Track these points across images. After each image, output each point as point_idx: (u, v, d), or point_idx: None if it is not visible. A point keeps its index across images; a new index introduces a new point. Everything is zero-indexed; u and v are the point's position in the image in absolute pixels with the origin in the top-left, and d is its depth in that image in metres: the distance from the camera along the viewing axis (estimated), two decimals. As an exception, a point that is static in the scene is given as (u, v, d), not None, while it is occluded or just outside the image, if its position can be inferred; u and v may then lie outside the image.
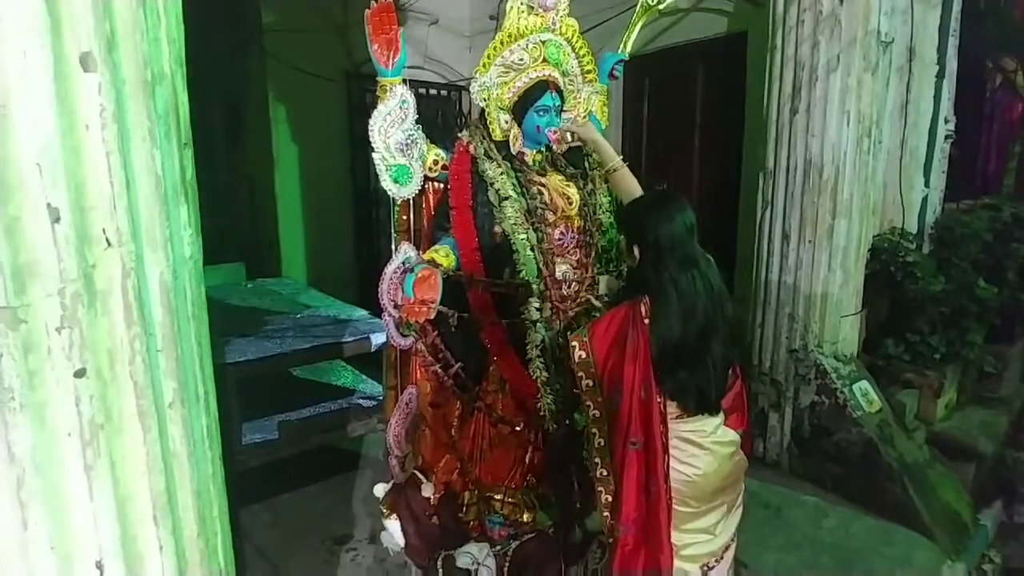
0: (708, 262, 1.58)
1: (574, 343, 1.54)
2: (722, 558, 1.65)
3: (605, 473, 1.57)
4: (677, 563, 1.54)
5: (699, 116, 4.21)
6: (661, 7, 2.28)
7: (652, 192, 1.78)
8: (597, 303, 1.89)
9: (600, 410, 1.55)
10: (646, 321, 1.47)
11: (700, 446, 1.57)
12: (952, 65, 3.57)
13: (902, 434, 3.00)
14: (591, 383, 1.55)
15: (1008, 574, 2.83)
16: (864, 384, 3.04)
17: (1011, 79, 4.62)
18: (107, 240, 0.73)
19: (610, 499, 1.57)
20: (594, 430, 1.58)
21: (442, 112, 5.26)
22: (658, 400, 1.49)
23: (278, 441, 2.81)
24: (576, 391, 1.60)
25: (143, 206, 0.78)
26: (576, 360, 1.53)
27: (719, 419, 1.62)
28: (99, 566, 0.76)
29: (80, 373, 0.72)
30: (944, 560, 2.60)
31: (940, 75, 3.49)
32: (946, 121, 3.62)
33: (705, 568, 1.60)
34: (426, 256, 1.76)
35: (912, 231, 3.48)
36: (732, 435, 1.65)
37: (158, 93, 0.80)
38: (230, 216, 4.60)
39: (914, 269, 3.16)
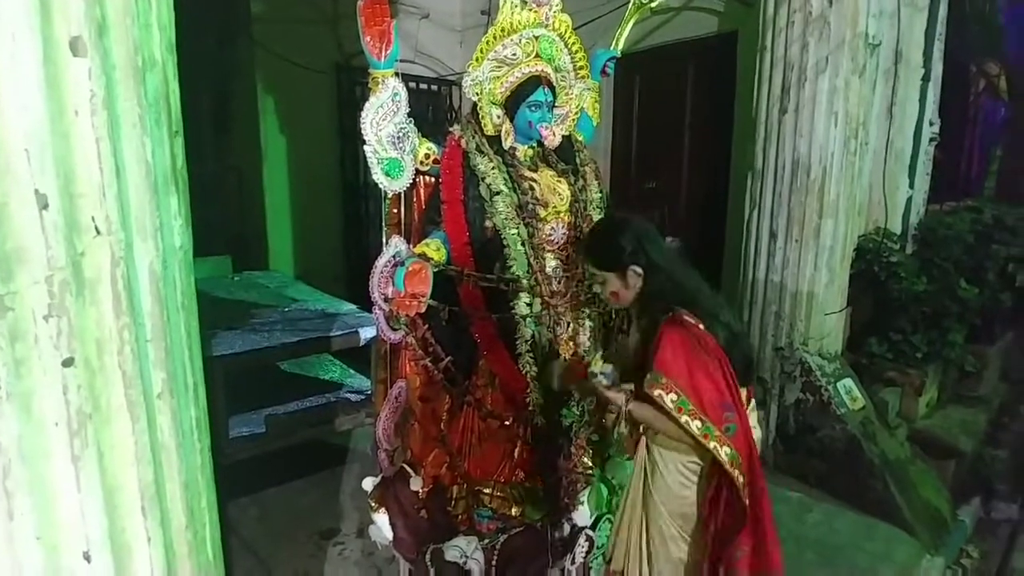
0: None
1: (658, 392, 1.35)
2: None
3: (743, 480, 1.40)
4: None
5: (689, 115, 4.23)
6: (653, 5, 2.29)
7: (611, 219, 1.73)
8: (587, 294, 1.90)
9: (724, 443, 1.35)
10: (699, 325, 1.39)
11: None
12: (937, 69, 3.62)
13: (884, 431, 3.05)
14: (700, 423, 1.35)
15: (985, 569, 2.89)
16: (848, 382, 3.09)
17: (994, 84, 4.70)
18: (96, 228, 0.72)
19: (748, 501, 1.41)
20: (735, 472, 1.37)
21: (433, 107, 5.24)
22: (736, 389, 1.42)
23: (265, 435, 2.79)
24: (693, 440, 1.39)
25: (133, 194, 0.77)
26: (671, 407, 1.34)
27: (755, 413, 1.62)
28: (86, 557, 0.75)
29: (68, 362, 0.71)
30: (924, 555, 2.65)
31: (926, 78, 3.54)
32: (931, 124, 3.67)
33: None
34: (417, 250, 1.75)
35: (896, 232, 3.53)
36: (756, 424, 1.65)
37: (149, 80, 0.79)
38: (217, 208, 4.55)
39: (898, 269, 3.21)
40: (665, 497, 1.54)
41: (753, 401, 1.66)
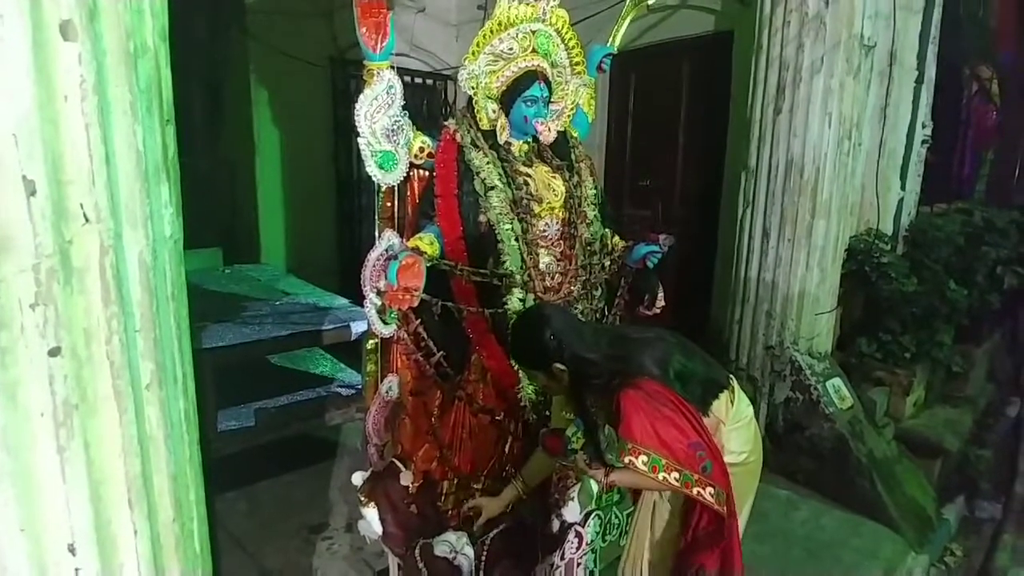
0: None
1: (628, 458, 1.38)
2: None
3: (726, 509, 1.46)
4: None
5: (684, 113, 4.24)
6: (650, 2, 2.29)
7: (527, 318, 1.69)
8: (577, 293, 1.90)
9: (706, 484, 1.41)
10: (649, 381, 1.43)
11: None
12: (931, 71, 3.64)
13: (872, 430, 3.08)
14: (678, 475, 1.39)
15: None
16: (837, 381, 3.11)
17: (987, 87, 4.73)
18: (85, 216, 0.71)
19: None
20: (720, 508, 1.44)
21: (428, 102, 5.22)
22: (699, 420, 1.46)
23: (255, 428, 2.78)
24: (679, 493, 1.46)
25: (123, 182, 0.76)
26: (645, 470, 1.37)
27: (724, 396, 1.62)
28: (71, 549, 0.74)
29: (55, 352, 0.70)
30: (909, 552, 2.68)
31: (919, 81, 3.56)
32: (923, 126, 3.69)
33: None
34: (410, 243, 1.75)
35: (887, 232, 3.55)
36: (750, 409, 1.69)
37: (141, 67, 0.78)
38: (209, 200, 4.50)
39: (888, 270, 3.23)
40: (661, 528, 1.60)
41: (737, 384, 1.68)
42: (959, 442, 3.43)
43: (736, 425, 1.64)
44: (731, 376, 1.68)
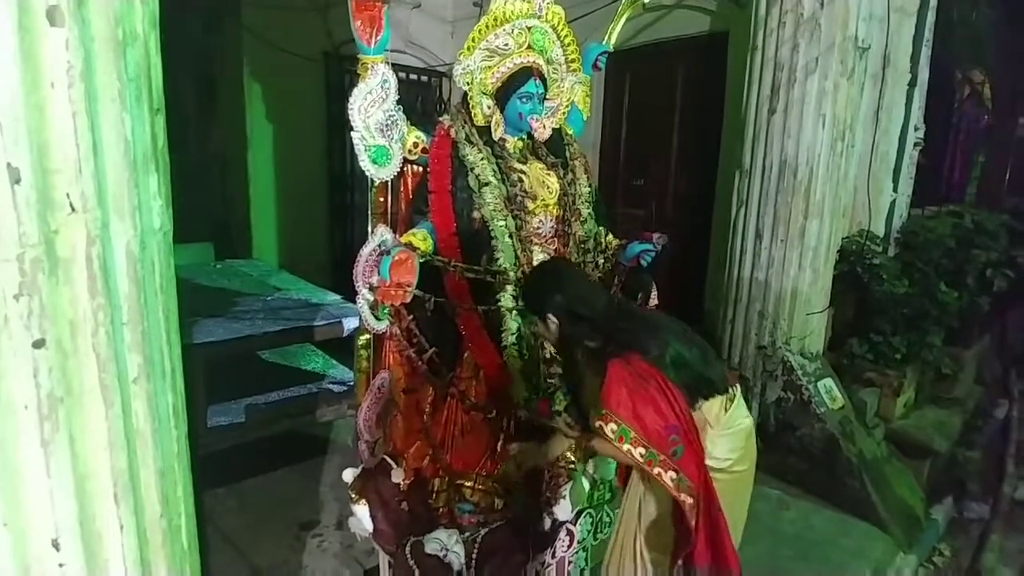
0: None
1: (598, 423, 1.42)
2: None
3: (691, 502, 1.45)
4: None
5: (678, 113, 4.24)
6: (646, 1, 2.28)
7: (541, 266, 1.75)
8: None
9: (669, 467, 1.41)
10: (643, 362, 1.43)
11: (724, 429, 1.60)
12: (924, 74, 3.66)
13: (862, 431, 3.09)
14: (643, 450, 1.40)
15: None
16: (828, 381, 3.12)
17: (979, 91, 4.77)
18: (71, 205, 0.70)
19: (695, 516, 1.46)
20: (682, 496, 1.43)
21: (422, 98, 5.20)
22: (684, 406, 1.46)
23: (245, 424, 2.77)
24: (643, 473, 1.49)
25: (111, 172, 0.75)
26: (612, 437, 1.40)
27: (719, 400, 1.62)
28: (55, 544, 0.73)
29: (39, 343, 0.69)
30: (897, 552, 2.69)
31: (912, 84, 3.59)
32: (916, 129, 3.72)
33: None
34: (403, 239, 1.74)
35: (880, 234, 3.57)
36: (749, 419, 1.70)
37: (129, 54, 0.76)
38: (200, 194, 4.48)
39: (880, 271, 3.25)
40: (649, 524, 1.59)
41: (739, 394, 1.68)
42: (948, 443, 3.46)
43: (726, 432, 1.62)
44: (735, 386, 1.66)
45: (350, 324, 2.90)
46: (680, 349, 1.52)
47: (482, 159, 1.79)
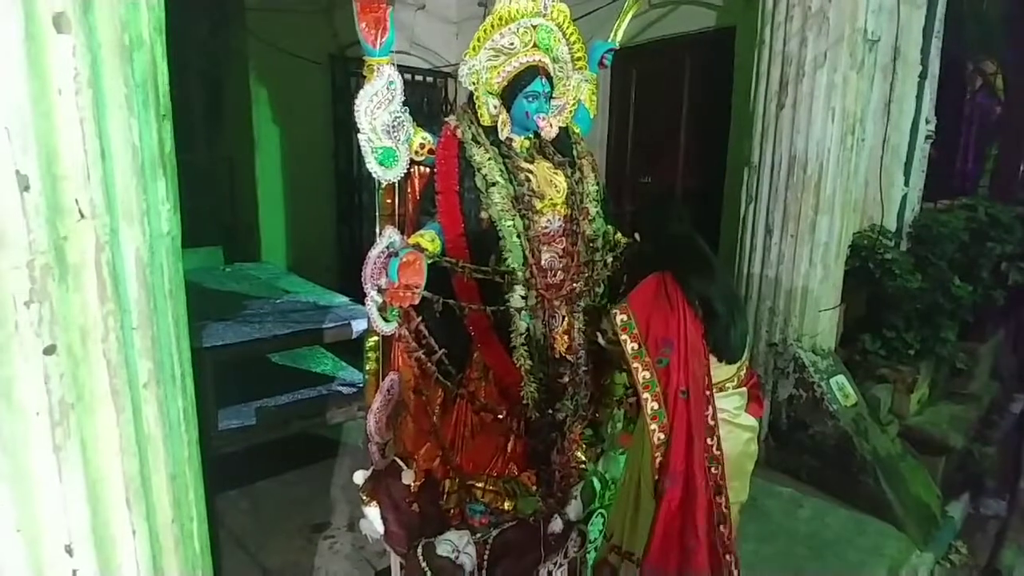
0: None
1: (614, 310, 1.64)
2: None
3: (663, 437, 1.61)
4: None
5: (686, 108, 4.22)
6: (651, -3, 2.26)
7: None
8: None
9: (650, 370, 1.60)
10: (674, 281, 1.62)
11: (730, 420, 1.69)
12: (935, 66, 3.62)
13: (876, 428, 3.06)
14: (636, 345, 1.61)
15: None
16: (841, 378, 3.09)
17: (990, 82, 4.71)
18: (80, 211, 0.70)
19: (661, 460, 1.61)
20: (645, 395, 1.61)
21: (428, 99, 5.20)
22: (702, 351, 1.60)
23: (256, 427, 2.77)
24: (620, 362, 1.69)
25: (119, 177, 0.75)
26: (618, 324, 1.62)
27: (742, 400, 1.74)
28: (68, 550, 0.73)
29: (50, 350, 0.69)
30: (913, 550, 2.66)
31: (923, 76, 3.54)
32: (927, 121, 3.67)
33: None
34: (411, 240, 1.73)
35: (891, 229, 3.53)
36: (752, 421, 1.77)
37: (136, 60, 0.77)
38: (209, 198, 4.51)
39: (892, 266, 3.21)
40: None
41: (740, 391, 1.74)
42: (963, 439, 3.41)
43: (738, 391, 1.73)
44: (743, 388, 1.76)
45: (359, 326, 2.90)
46: (715, 303, 1.64)
47: (489, 159, 1.78)
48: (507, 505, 1.93)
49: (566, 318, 1.91)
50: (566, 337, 1.91)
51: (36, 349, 0.68)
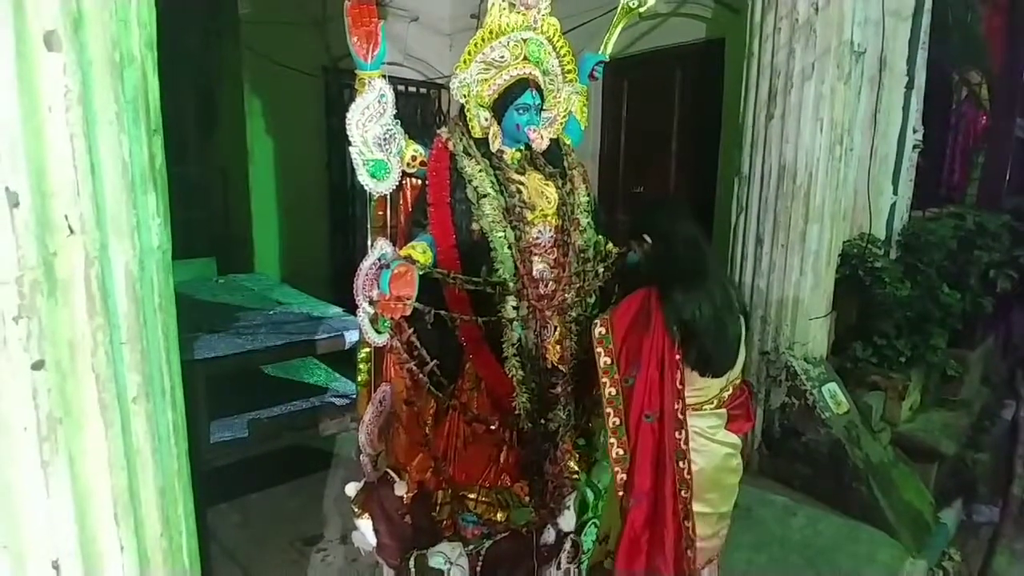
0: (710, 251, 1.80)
1: (596, 321, 1.65)
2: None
3: (621, 452, 1.61)
4: None
5: (677, 120, 4.26)
6: (641, 10, 2.29)
7: (665, 194, 1.92)
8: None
9: (616, 387, 1.61)
10: (661, 301, 1.58)
11: (705, 437, 1.67)
12: (921, 77, 3.67)
13: (868, 435, 3.07)
14: (608, 360, 1.62)
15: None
16: (833, 386, 3.11)
17: (976, 92, 4.77)
18: (69, 227, 0.70)
19: (624, 478, 1.61)
20: (609, 410, 1.63)
21: (421, 110, 5.23)
22: (675, 376, 1.57)
23: (248, 439, 2.76)
24: (595, 373, 1.67)
25: (109, 193, 0.75)
26: (596, 336, 1.62)
27: (719, 421, 1.71)
28: (55, 566, 0.73)
29: (38, 365, 0.69)
30: (906, 557, 2.67)
31: (909, 86, 3.59)
32: (914, 131, 3.72)
33: None
34: (403, 252, 1.74)
35: (880, 237, 3.56)
36: (733, 438, 1.74)
37: (127, 76, 0.77)
38: (202, 210, 4.50)
39: (882, 274, 3.24)
40: None
41: (719, 412, 1.72)
42: (955, 446, 3.43)
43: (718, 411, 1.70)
44: (722, 410, 1.73)
45: (352, 337, 2.90)
46: (696, 323, 1.58)
47: (480, 171, 1.80)
48: (500, 516, 1.93)
49: (558, 328, 1.92)
50: (558, 347, 1.92)
51: (24, 364, 0.68)
